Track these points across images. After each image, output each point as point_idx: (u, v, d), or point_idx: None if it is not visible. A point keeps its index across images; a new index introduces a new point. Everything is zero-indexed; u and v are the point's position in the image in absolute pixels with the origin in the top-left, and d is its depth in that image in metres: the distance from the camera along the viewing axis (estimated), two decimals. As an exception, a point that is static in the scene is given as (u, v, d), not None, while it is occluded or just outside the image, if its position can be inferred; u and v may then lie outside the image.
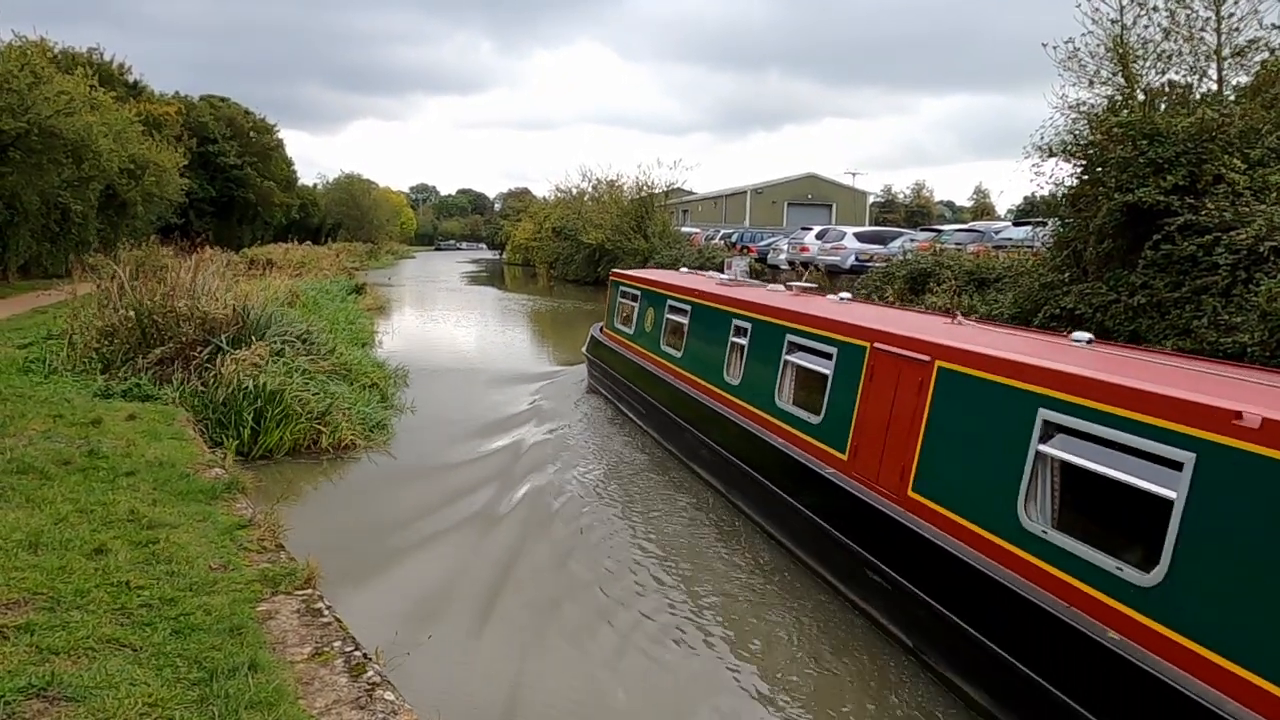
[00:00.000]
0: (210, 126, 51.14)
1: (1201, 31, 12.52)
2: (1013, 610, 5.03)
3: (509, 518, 8.55)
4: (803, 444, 7.79)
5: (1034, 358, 5.67)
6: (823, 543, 7.13)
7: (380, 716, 3.79)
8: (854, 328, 7.58)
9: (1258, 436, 4.06)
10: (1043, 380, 5.36)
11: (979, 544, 5.47)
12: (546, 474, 10.14)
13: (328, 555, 6.96)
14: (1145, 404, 4.64)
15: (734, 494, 9.04)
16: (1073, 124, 12.68)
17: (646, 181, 45.71)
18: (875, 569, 6.30)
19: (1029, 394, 5.41)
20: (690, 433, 10.27)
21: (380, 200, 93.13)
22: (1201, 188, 10.47)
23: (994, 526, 5.40)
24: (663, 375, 11.71)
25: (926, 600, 5.71)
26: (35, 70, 21.73)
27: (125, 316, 11.73)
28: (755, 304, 9.71)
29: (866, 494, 6.62)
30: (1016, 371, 5.60)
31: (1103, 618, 4.53)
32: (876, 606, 6.36)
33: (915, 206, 77.23)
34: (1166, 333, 10.01)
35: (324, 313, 18.83)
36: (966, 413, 5.99)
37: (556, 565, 7.39)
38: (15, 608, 4.38)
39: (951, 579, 5.56)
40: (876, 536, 6.38)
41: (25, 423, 8.14)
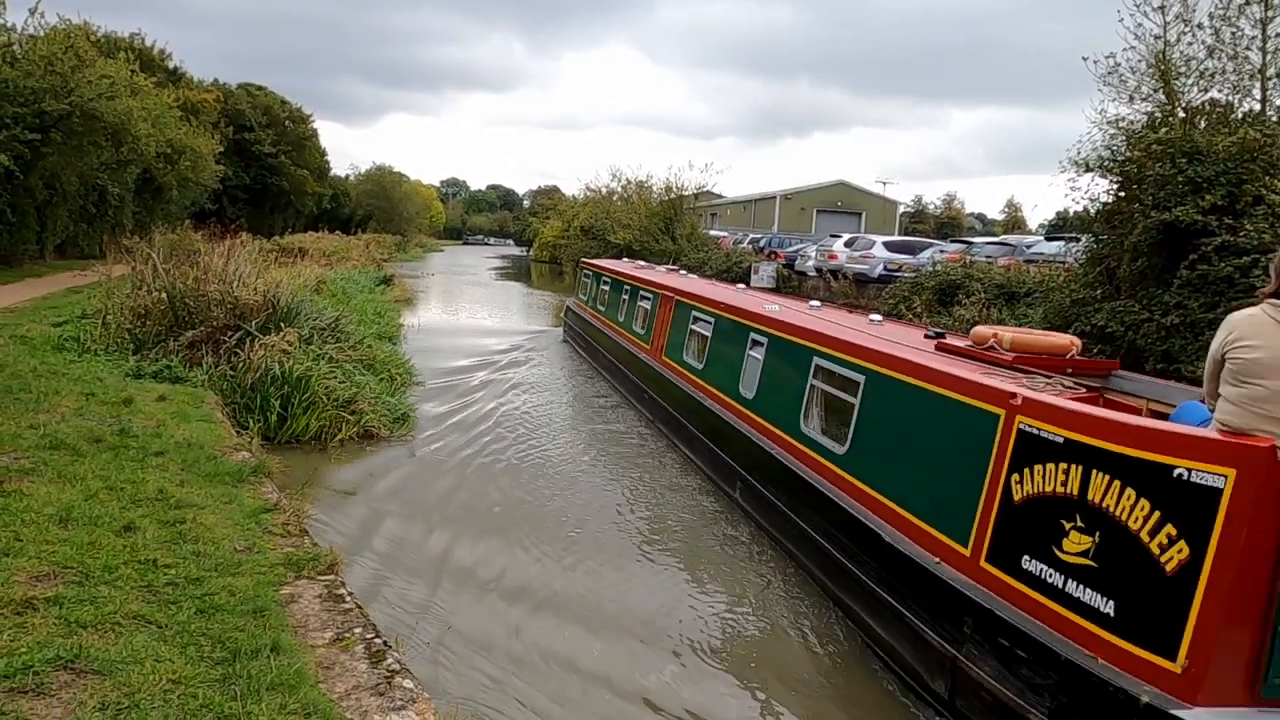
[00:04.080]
0: (247, 114, 51.73)
1: (1247, 50, 12.32)
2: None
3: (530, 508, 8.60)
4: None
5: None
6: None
7: (399, 704, 3.82)
8: (674, 289, 13.49)
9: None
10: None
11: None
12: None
13: (350, 542, 7.05)
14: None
15: (640, 402, 13.57)
16: (1110, 139, 12.55)
17: (676, 183, 45.72)
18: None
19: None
20: (615, 365, 15.66)
21: (411, 193, 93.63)
22: (1241, 208, 10.31)
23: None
24: (599, 326, 17.78)
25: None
26: (79, 53, 22.06)
27: (158, 299, 11.88)
28: (654, 281, 15.13)
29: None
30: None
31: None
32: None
33: (945, 218, 76.71)
34: (1200, 354, 9.87)
35: (352, 303, 18.97)
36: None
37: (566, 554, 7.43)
38: (45, 580, 4.45)
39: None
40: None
41: (58, 400, 8.27)
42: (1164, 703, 3.79)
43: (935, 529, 5.54)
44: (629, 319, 15.70)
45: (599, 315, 18.33)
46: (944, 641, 5.08)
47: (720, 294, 12.33)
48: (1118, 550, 4.22)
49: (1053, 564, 4.52)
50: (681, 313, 12.57)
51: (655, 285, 14.72)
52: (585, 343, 19.07)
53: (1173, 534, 3.98)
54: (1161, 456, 4.08)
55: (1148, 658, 3.97)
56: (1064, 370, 6.19)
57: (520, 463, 10.33)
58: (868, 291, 24.61)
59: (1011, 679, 4.56)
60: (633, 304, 15.69)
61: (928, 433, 6.00)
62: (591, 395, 15.09)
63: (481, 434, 11.50)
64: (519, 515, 8.45)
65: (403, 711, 3.77)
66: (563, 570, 7.19)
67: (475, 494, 9.06)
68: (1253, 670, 3.82)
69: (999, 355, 6.40)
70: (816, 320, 8.97)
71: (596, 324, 18.23)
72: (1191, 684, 3.79)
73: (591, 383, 16.21)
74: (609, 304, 17.74)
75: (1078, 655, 4.23)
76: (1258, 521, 3.76)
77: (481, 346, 19.56)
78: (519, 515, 8.45)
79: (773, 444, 8.28)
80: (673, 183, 45.75)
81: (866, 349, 7.13)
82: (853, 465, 6.80)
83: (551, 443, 11.42)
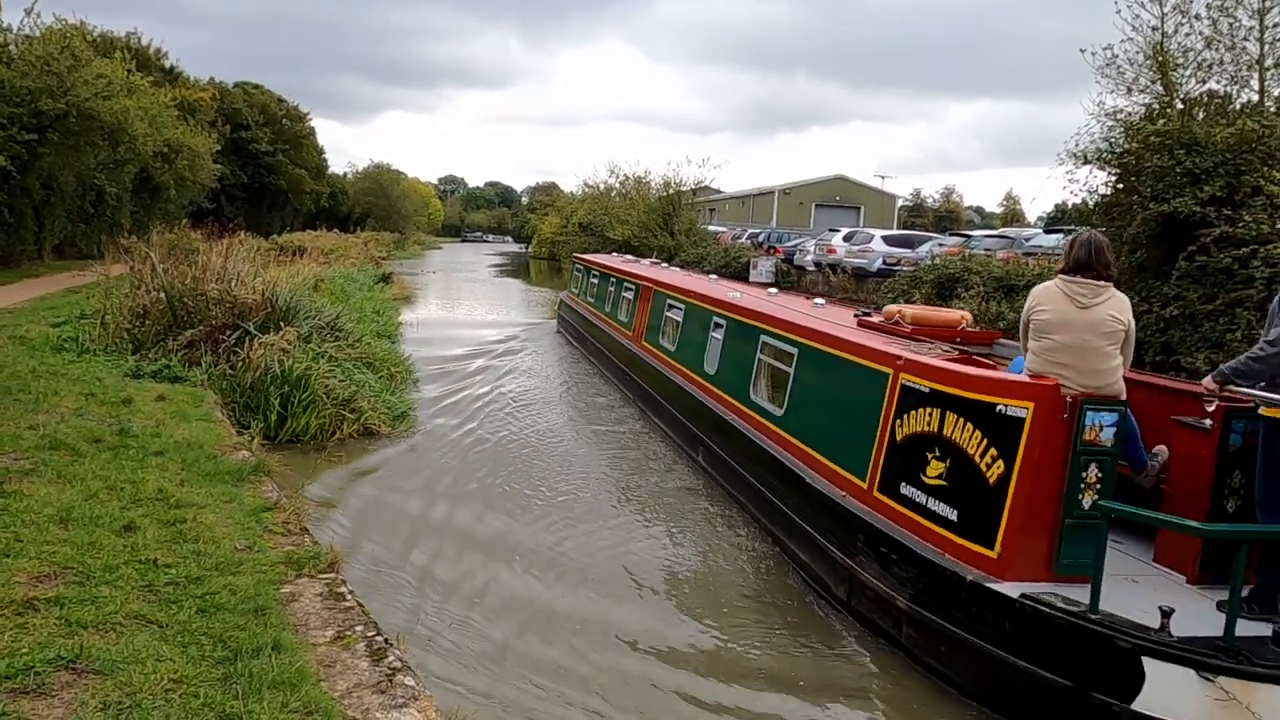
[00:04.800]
0: (244, 113, 51.64)
1: (1244, 41, 12.32)
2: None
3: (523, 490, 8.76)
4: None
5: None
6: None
7: (400, 701, 3.83)
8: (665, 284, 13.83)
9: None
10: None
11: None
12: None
13: (350, 540, 7.06)
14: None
15: (624, 384, 14.57)
16: (1108, 131, 12.54)
17: (674, 179, 45.67)
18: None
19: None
20: (603, 352, 16.60)
21: (409, 190, 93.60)
22: (1239, 199, 10.31)
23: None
24: (589, 317, 18.83)
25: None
26: (75, 53, 22.01)
27: (156, 298, 11.87)
28: (635, 273, 16.35)
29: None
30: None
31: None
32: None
33: (944, 211, 76.67)
34: (1199, 345, 9.89)
35: (351, 301, 18.96)
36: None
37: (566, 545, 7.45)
38: (46, 581, 4.45)
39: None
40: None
41: (58, 400, 8.26)
42: (983, 579, 5.09)
43: (843, 469, 6.78)
44: (614, 308, 16.81)
45: (589, 306, 19.36)
46: (844, 556, 6.34)
47: (690, 283, 13.54)
48: (960, 471, 5.47)
49: (920, 487, 5.80)
50: (658, 301, 13.72)
51: (636, 277, 15.88)
52: (577, 332, 20.01)
53: (994, 455, 5.24)
54: (987, 397, 5.37)
55: (975, 549, 5.26)
56: (954, 340, 7.32)
57: (512, 445, 10.79)
58: (867, 285, 24.61)
59: (887, 577, 5.82)
60: (618, 295, 16.76)
61: (841, 392, 7.25)
62: (581, 380, 16.00)
63: (478, 417, 12.13)
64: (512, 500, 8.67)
65: (404, 709, 3.77)
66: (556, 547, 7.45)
67: (474, 484, 9.13)
68: (1048, 554, 5.11)
69: (903, 329, 7.55)
70: (765, 304, 10.12)
71: (587, 314, 19.23)
72: (1003, 565, 5.10)
73: (581, 368, 17.16)
74: (598, 295, 18.78)
75: (932, 553, 5.50)
76: (1048, 442, 5.05)
77: (479, 337, 20.41)
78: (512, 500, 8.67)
79: (728, 411, 9.50)
80: (671, 178, 45.76)
81: (800, 326, 8.33)
82: (787, 424, 8.04)
83: (541, 425, 12.04)
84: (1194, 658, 4.31)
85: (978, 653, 5.04)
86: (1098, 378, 5.17)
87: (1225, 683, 4.26)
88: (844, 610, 6.29)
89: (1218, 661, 4.27)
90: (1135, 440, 5.61)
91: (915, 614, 5.49)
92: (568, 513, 8.37)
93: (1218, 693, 4.26)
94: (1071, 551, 5.03)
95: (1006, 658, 4.87)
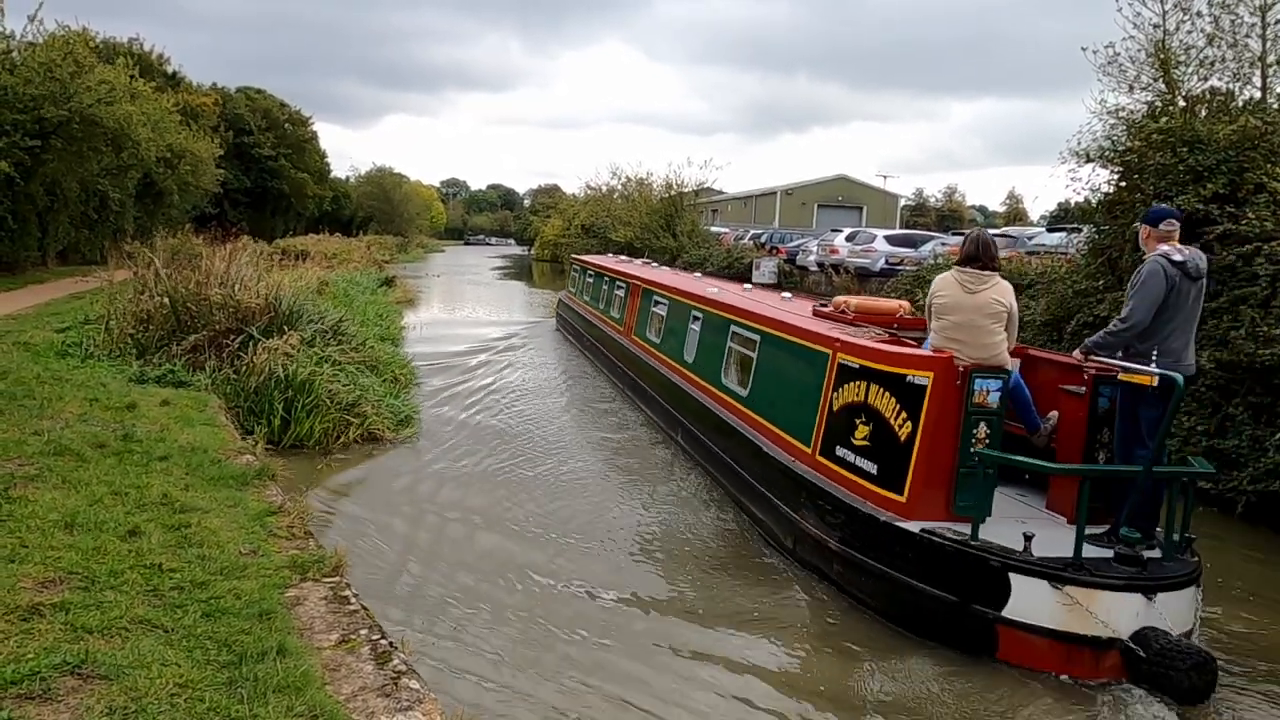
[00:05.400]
0: (246, 118, 51.78)
1: (1246, 38, 12.29)
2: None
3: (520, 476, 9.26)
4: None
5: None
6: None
7: (405, 704, 3.83)
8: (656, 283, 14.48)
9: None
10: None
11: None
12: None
13: (355, 544, 7.06)
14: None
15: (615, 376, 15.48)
16: (1110, 129, 12.52)
17: (676, 180, 45.67)
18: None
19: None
20: (598, 347, 17.53)
21: (411, 194, 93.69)
22: (1242, 196, 10.30)
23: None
24: (585, 314, 19.73)
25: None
26: (78, 59, 22.04)
27: (160, 304, 11.90)
28: (626, 272, 17.30)
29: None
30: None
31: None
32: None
33: (947, 210, 76.62)
34: (1203, 343, 9.85)
35: (354, 305, 18.98)
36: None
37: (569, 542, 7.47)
38: (51, 586, 4.46)
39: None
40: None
41: (62, 405, 8.28)
42: (894, 520, 6.11)
43: (793, 438, 7.75)
44: (608, 305, 17.77)
45: (585, 304, 20.30)
46: (790, 511, 7.31)
47: (674, 281, 14.58)
48: (880, 432, 6.47)
49: (850, 448, 6.78)
50: (646, 298, 14.70)
51: (627, 275, 16.92)
52: (574, 330, 20.97)
53: (904, 417, 6.26)
54: (899, 369, 6.40)
55: (889, 495, 6.28)
56: (891, 325, 8.11)
57: (510, 436, 11.39)
58: (869, 285, 24.58)
59: (823, 525, 6.79)
60: (611, 293, 17.74)
61: (793, 372, 8.18)
62: (576, 372, 16.96)
63: (479, 407, 12.96)
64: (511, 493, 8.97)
65: (409, 712, 3.77)
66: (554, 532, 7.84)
67: (475, 481, 9.27)
68: (946, 497, 6.13)
69: (848, 316, 8.43)
70: (736, 298, 11.06)
71: (583, 312, 20.16)
72: (911, 508, 6.14)
73: (577, 362, 18.13)
74: (593, 294, 19.75)
75: (857, 502, 6.48)
76: (945, 405, 6.10)
77: (482, 335, 21.49)
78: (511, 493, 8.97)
79: (703, 395, 10.44)
80: (673, 180, 45.77)
81: (763, 316, 9.29)
82: (751, 402, 9.03)
83: (538, 415, 12.77)
84: (1048, 572, 5.41)
85: (889, 580, 6.09)
86: (985, 350, 6.25)
87: (1071, 591, 5.35)
88: (790, 557, 7.30)
89: (1066, 575, 5.38)
90: (1028, 406, 6.69)
91: (843, 553, 6.51)
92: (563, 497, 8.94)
93: (1065, 599, 5.36)
94: (965, 495, 6.04)
95: (910, 582, 5.93)
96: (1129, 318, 5.89)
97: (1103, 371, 6.19)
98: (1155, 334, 5.87)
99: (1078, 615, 5.34)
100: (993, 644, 5.56)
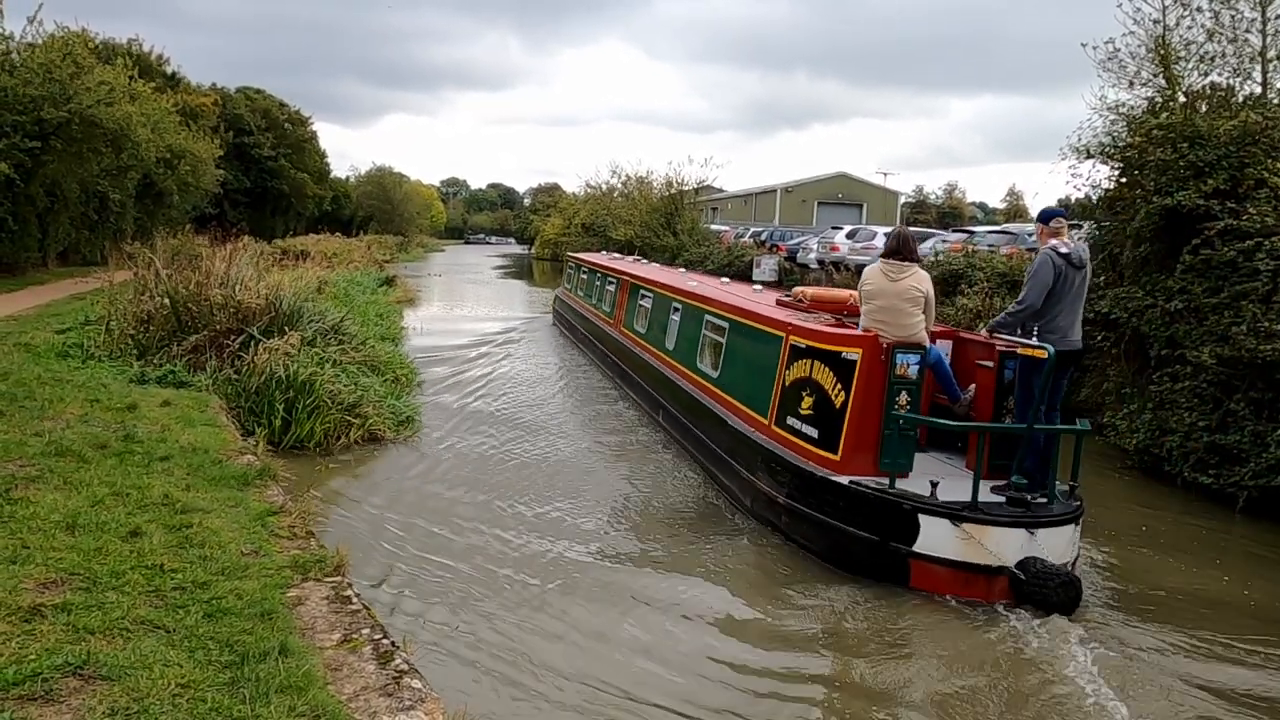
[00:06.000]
0: (246, 118, 51.76)
1: (1246, 33, 12.28)
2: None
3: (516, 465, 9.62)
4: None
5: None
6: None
7: (407, 704, 3.82)
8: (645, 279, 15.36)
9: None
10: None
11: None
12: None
13: (356, 543, 7.04)
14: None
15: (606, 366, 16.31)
16: (1111, 125, 12.51)
17: (676, 178, 45.63)
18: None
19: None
20: (591, 339, 18.38)
21: (411, 193, 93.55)
22: (1243, 192, 10.28)
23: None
24: (579, 309, 20.63)
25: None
26: (77, 60, 22.02)
27: (160, 304, 11.89)
28: (617, 268, 18.20)
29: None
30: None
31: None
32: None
33: (947, 207, 76.59)
34: (1204, 339, 9.85)
35: (355, 305, 18.96)
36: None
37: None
38: (53, 587, 4.46)
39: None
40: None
41: (63, 406, 8.28)
42: (830, 475, 7.15)
43: (753, 411, 8.78)
44: (600, 300, 18.70)
45: (579, 299, 21.24)
46: (748, 472, 8.37)
47: (660, 276, 15.65)
48: (820, 402, 7.52)
49: (798, 417, 7.82)
50: (634, 292, 15.69)
51: (617, 271, 17.87)
52: (569, 323, 22.02)
53: (840, 388, 7.33)
54: (835, 347, 7.50)
55: (825, 454, 7.35)
56: (841, 312, 8.84)
57: (507, 418, 12.26)
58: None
59: (774, 483, 7.83)
60: (603, 288, 18.68)
61: (755, 353, 9.14)
62: (570, 363, 17.86)
63: (478, 395, 13.77)
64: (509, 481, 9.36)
65: (411, 711, 3.77)
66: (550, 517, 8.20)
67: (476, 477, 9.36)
68: (874, 454, 7.15)
69: (804, 305, 9.36)
70: (712, 290, 12.12)
71: (577, 307, 21.11)
72: (843, 464, 7.18)
73: (571, 354, 19.16)
74: (587, 289, 20.73)
75: (801, 462, 7.51)
76: (872, 376, 7.17)
77: (481, 330, 22.44)
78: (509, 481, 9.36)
79: (681, 378, 11.42)
80: (673, 178, 45.73)
81: (731, 305, 10.30)
82: (720, 382, 10.02)
83: (533, 403, 13.62)
84: (949, 513, 6.51)
85: (824, 526, 7.13)
86: (905, 330, 7.23)
87: (968, 528, 6.46)
88: (749, 515, 8.32)
89: (963, 514, 6.47)
90: (950, 380, 7.67)
91: (789, 505, 7.55)
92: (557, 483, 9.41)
93: (963, 534, 6.47)
94: (889, 452, 7.08)
95: (841, 526, 6.97)
96: (1023, 300, 6.99)
97: (1008, 348, 7.18)
98: (1045, 314, 6.91)
99: (973, 548, 6.44)
100: (906, 575, 6.64)
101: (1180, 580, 7.47)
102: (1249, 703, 5.39)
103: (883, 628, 6.11)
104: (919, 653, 5.80)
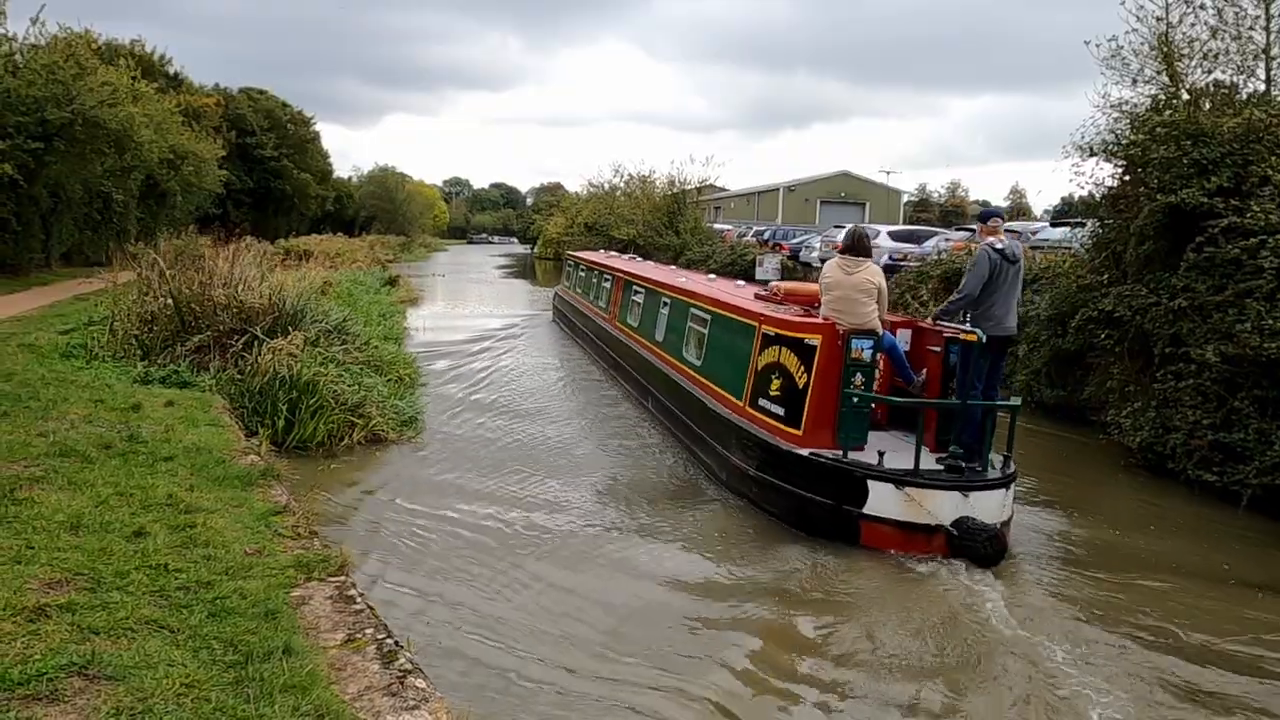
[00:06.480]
0: (249, 118, 51.73)
1: (1250, 30, 12.23)
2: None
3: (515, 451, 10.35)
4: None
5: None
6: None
7: (411, 703, 3.83)
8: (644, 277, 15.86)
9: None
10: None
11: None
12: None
13: (360, 543, 7.06)
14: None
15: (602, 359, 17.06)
16: (1114, 123, 12.48)
17: (679, 178, 45.59)
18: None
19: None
20: (588, 334, 19.19)
21: (414, 193, 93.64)
22: (1247, 190, 10.25)
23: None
24: (578, 305, 21.38)
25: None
26: (80, 61, 22.06)
27: (164, 304, 11.91)
28: (612, 266, 18.99)
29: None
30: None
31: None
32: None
33: (950, 206, 76.47)
34: (1208, 336, 9.83)
35: (358, 305, 18.98)
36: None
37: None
38: (57, 587, 4.47)
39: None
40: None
41: (67, 407, 8.30)
42: (793, 448, 7.99)
43: (729, 394, 9.59)
44: (597, 296, 19.50)
45: (578, 296, 22.03)
46: (724, 449, 9.21)
47: (652, 272, 16.63)
48: (787, 384, 8.33)
49: (768, 398, 8.61)
50: (627, 288, 16.47)
51: (613, 269, 18.68)
52: (567, 319, 22.88)
53: (803, 370, 8.13)
54: (798, 334, 8.35)
55: (790, 430, 8.15)
56: (812, 305, 9.24)
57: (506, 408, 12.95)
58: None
59: (746, 457, 8.68)
60: (599, 285, 19.51)
61: (732, 342, 9.91)
62: (568, 357, 18.65)
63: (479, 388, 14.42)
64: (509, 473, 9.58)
65: (415, 711, 3.77)
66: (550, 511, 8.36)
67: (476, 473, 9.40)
68: (833, 430, 7.87)
69: (778, 298, 10.09)
70: (697, 285, 12.99)
71: (576, 304, 21.90)
72: (805, 439, 7.97)
73: (569, 348, 19.95)
74: (584, 286, 21.53)
75: (769, 437, 8.33)
76: (830, 360, 7.92)
77: (484, 326, 23.28)
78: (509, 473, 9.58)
79: (668, 367, 12.22)
80: (676, 177, 45.69)
81: (714, 299, 11.05)
82: (702, 370, 10.83)
83: (530, 391, 14.41)
84: (893, 478, 7.37)
85: (788, 493, 7.98)
86: (859, 318, 8.00)
87: (910, 491, 7.31)
88: (724, 487, 9.14)
89: (905, 479, 7.33)
90: (904, 364, 8.44)
91: (758, 476, 8.41)
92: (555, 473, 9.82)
93: (906, 497, 7.32)
94: (845, 427, 7.81)
95: (802, 492, 7.83)
96: (962, 290, 7.90)
97: (951, 335, 8.08)
98: (982, 303, 7.79)
99: (914, 509, 7.30)
100: (857, 534, 7.49)
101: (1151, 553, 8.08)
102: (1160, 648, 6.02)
103: (835, 578, 7.03)
104: (862, 597, 6.74)
